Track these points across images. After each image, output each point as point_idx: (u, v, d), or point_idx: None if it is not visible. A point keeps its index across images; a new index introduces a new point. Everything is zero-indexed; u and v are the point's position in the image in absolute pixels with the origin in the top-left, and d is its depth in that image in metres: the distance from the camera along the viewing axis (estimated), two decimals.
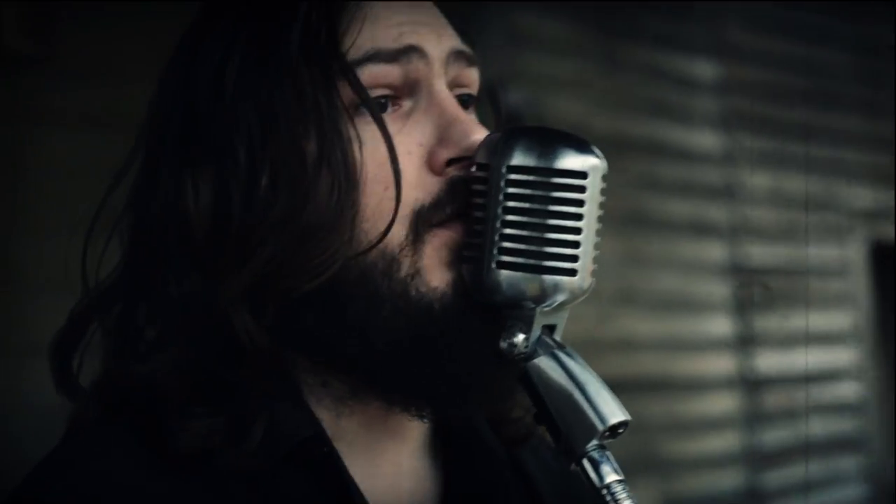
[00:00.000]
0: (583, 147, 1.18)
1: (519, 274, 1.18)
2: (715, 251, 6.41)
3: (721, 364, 6.39)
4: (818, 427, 6.86)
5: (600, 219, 1.19)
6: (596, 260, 1.19)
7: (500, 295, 1.19)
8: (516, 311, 1.20)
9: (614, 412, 1.17)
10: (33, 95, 3.61)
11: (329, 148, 1.26)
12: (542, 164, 1.17)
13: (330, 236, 1.25)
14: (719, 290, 6.41)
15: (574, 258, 1.17)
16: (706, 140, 6.42)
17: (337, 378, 1.32)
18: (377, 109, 1.28)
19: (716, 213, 6.41)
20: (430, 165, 1.30)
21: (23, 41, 3.60)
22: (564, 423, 1.17)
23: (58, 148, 3.61)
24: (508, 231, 1.18)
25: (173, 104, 1.34)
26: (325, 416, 1.32)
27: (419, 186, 1.28)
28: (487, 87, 1.44)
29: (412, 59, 1.31)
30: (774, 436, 6.52)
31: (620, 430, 1.17)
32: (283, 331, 1.29)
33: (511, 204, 1.18)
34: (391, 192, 1.26)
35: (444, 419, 1.39)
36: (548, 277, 1.18)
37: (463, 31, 1.41)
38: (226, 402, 1.26)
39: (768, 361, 6.52)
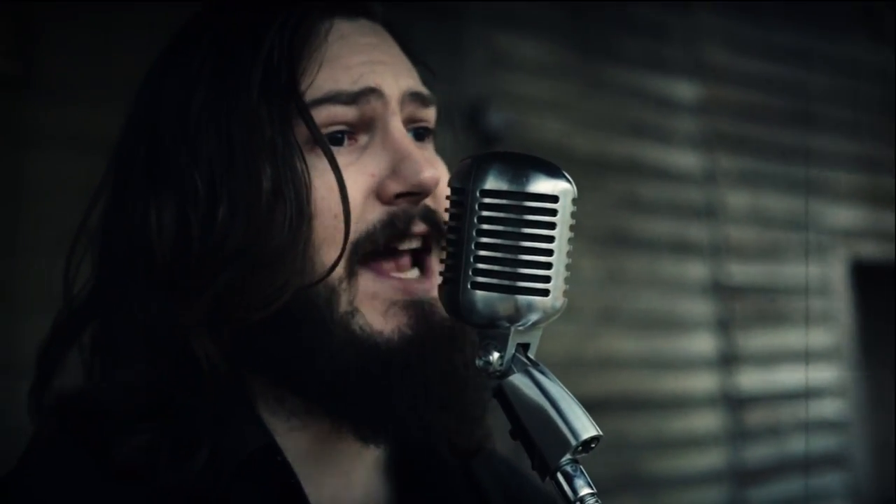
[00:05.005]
0: (553, 172, 1.21)
1: (494, 294, 1.20)
2: (696, 270, 6.44)
3: (704, 382, 6.41)
4: (801, 444, 6.88)
5: (571, 241, 1.22)
6: (567, 280, 1.22)
7: (475, 315, 1.22)
8: (491, 330, 1.22)
9: (587, 427, 1.19)
10: (16, 116, 3.63)
11: (284, 183, 1.32)
12: (514, 188, 1.20)
13: (282, 267, 1.31)
14: (701, 308, 6.43)
15: (547, 279, 1.20)
16: (687, 160, 6.45)
17: (292, 394, 1.37)
18: (329, 146, 1.34)
19: (697, 232, 6.43)
20: (379, 195, 1.35)
21: (6, 62, 3.61)
22: (539, 438, 1.19)
23: (42, 168, 3.63)
24: (482, 253, 1.20)
25: (139, 135, 1.39)
26: (279, 429, 1.37)
27: (362, 217, 1.34)
28: (469, 108, 1.48)
29: (370, 99, 1.37)
30: (757, 453, 6.54)
31: (593, 445, 1.20)
32: (239, 353, 1.34)
33: (485, 227, 1.20)
34: (340, 222, 1.32)
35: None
36: (521, 297, 1.20)
37: (421, 62, 1.46)
38: (174, 421, 1.31)
39: (751, 379, 6.55)
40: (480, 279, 1.20)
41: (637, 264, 6.09)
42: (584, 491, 1.18)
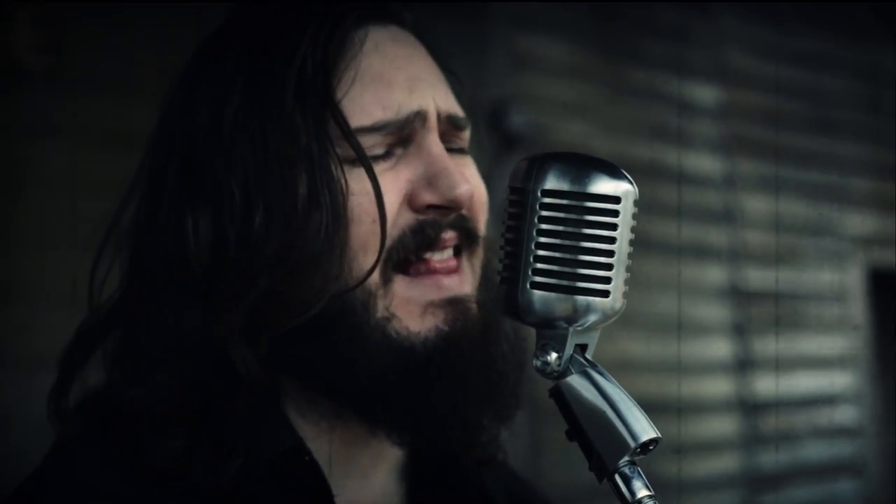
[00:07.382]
0: (615, 172, 1.21)
1: (552, 294, 1.20)
2: (714, 274, 6.43)
3: (720, 386, 6.40)
4: (816, 450, 6.86)
5: (632, 242, 1.21)
6: (627, 282, 1.21)
7: (533, 315, 1.21)
8: (549, 330, 1.22)
9: (646, 430, 1.19)
10: (39, 110, 3.63)
11: (320, 189, 1.33)
12: (575, 189, 1.20)
13: (319, 273, 1.32)
14: (718, 312, 6.42)
15: (607, 280, 1.20)
16: (706, 164, 6.44)
17: (324, 397, 1.37)
18: (369, 161, 1.35)
19: (715, 236, 6.42)
20: (411, 202, 1.36)
21: (32, 57, 3.62)
22: (597, 439, 1.19)
23: (62, 162, 3.63)
24: (542, 253, 1.20)
25: (173, 142, 1.40)
26: (308, 432, 1.38)
27: (395, 223, 1.35)
28: (491, 110, 1.50)
29: (414, 122, 1.38)
30: (772, 459, 6.53)
31: (651, 448, 1.20)
32: (275, 358, 1.35)
33: (545, 227, 1.20)
34: (377, 227, 1.33)
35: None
36: (581, 298, 1.20)
37: (450, 72, 1.47)
38: (208, 424, 1.32)
39: (767, 384, 6.53)
40: (539, 279, 1.20)
41: (655, 268, 6.06)
42: (643, 493, 1.18)
